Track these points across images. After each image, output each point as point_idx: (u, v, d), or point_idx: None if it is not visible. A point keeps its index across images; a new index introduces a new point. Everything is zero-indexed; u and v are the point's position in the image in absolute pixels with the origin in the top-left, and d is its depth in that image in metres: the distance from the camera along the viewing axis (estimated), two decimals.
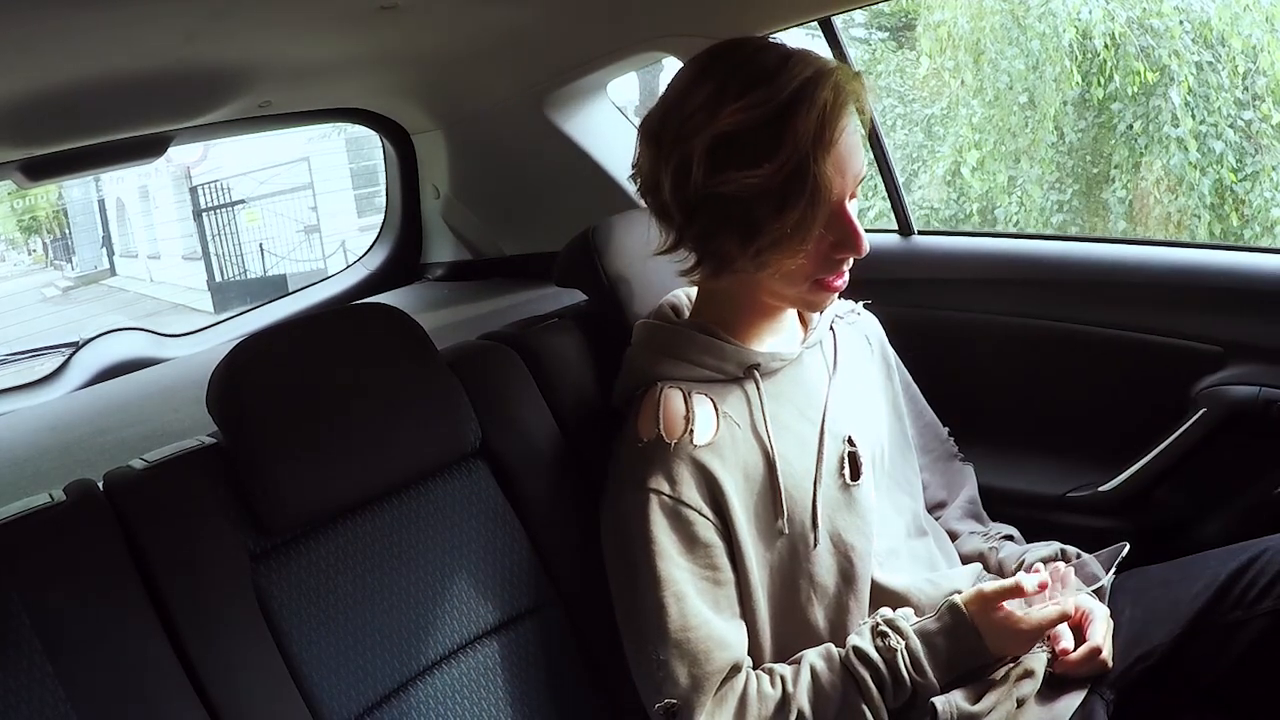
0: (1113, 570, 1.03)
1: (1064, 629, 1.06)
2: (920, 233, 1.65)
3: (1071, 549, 1.16)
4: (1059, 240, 1.70)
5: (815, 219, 0.96)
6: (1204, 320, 1.39)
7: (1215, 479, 1.39)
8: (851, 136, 0.99)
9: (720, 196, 0.96)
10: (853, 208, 1.02)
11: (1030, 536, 1.24)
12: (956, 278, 1.60)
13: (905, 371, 1.31)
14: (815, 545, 1.05)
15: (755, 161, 0.95)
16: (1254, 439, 1.35)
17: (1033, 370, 1.54)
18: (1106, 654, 1.06)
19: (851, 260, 1.04)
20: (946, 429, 1.33)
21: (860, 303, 1.26)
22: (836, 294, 1.07)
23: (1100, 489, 1.42)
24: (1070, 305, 1.49)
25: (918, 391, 1.32)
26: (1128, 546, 1.05)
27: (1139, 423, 1.42)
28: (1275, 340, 1.34)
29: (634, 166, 1.07)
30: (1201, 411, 1.37)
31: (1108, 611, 1.09)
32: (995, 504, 1.30)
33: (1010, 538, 1.24)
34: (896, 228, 1.67)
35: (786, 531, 1.05)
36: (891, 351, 1.29)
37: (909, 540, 1.16)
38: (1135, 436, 1.43)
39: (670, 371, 1.09)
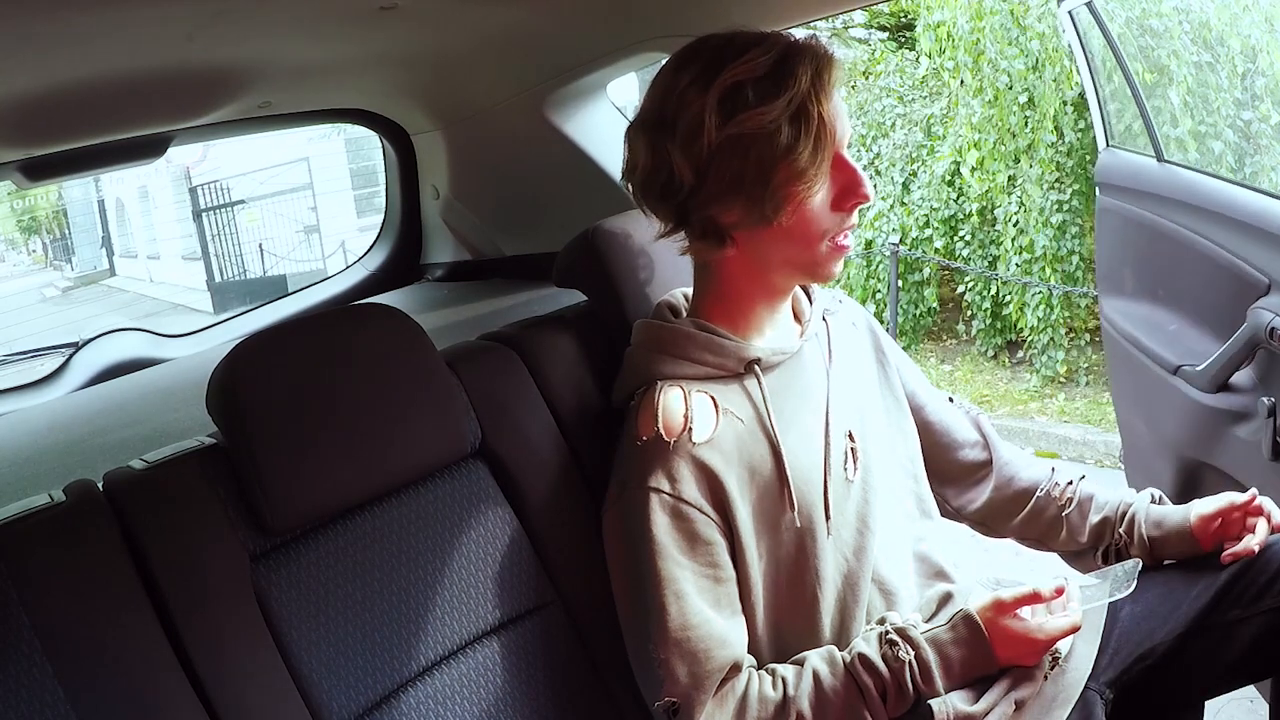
0: (1131, 586, 1.03)
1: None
2: (1168, 161, 1.89)
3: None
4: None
5: (824, 152, 1.01)
6: None
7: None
8: (839, 94, 1.04)
9: (736, 139, 0.99)
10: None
11: None
12: (1185, 201, 1.81)
13: (902, 354, 1.31)
14: (829, 536, 1.06)
15: (765, 99, 0.99)
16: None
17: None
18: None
19: (856, 217, 1.07)
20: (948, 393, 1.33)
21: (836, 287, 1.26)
22: (844, 258, 1.09)
23: (1198, 367, 1.68)
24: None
25: (921, 374, 1.32)
26: (1140, 563, 1.06)
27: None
28: None
29: (624, 167, 1.08)
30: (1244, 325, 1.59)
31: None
32: None
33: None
34: (1153, 153, 1.93)
35: (798, 525, 1.05)
36: (881, 330, 1.29)
37: (910, 525, 1.17)
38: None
39: (670, 370, 1.09)
